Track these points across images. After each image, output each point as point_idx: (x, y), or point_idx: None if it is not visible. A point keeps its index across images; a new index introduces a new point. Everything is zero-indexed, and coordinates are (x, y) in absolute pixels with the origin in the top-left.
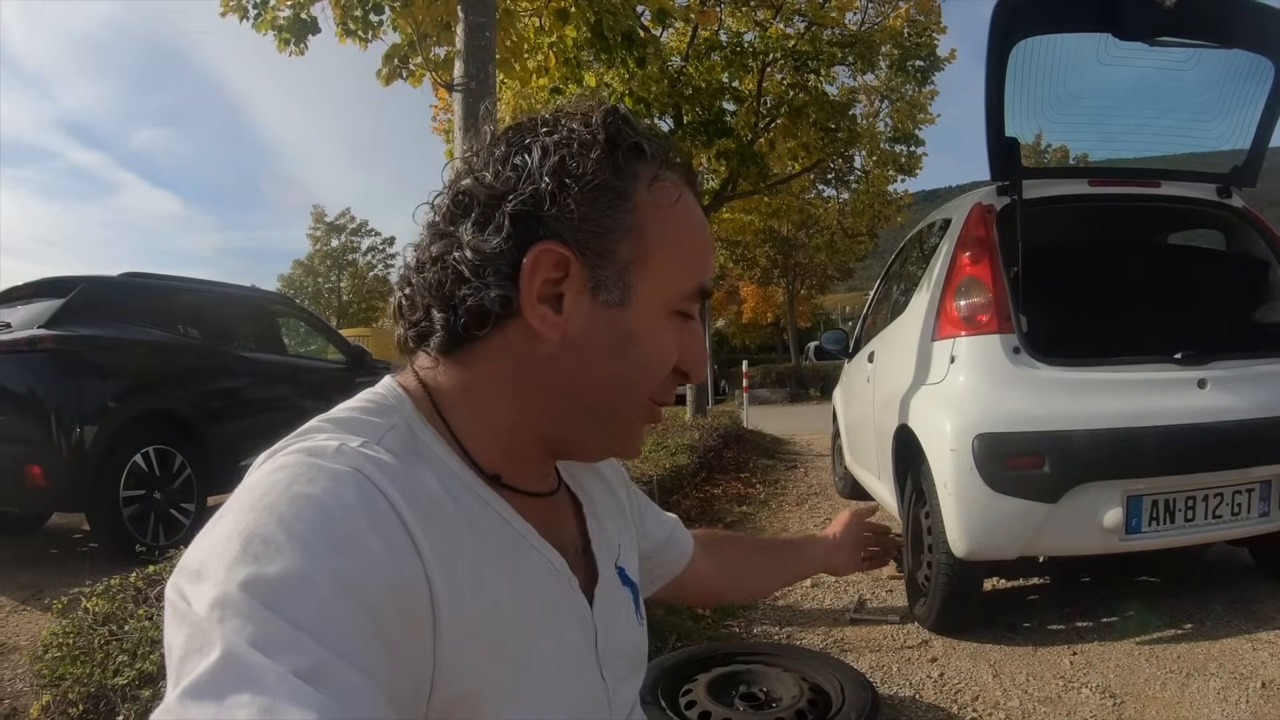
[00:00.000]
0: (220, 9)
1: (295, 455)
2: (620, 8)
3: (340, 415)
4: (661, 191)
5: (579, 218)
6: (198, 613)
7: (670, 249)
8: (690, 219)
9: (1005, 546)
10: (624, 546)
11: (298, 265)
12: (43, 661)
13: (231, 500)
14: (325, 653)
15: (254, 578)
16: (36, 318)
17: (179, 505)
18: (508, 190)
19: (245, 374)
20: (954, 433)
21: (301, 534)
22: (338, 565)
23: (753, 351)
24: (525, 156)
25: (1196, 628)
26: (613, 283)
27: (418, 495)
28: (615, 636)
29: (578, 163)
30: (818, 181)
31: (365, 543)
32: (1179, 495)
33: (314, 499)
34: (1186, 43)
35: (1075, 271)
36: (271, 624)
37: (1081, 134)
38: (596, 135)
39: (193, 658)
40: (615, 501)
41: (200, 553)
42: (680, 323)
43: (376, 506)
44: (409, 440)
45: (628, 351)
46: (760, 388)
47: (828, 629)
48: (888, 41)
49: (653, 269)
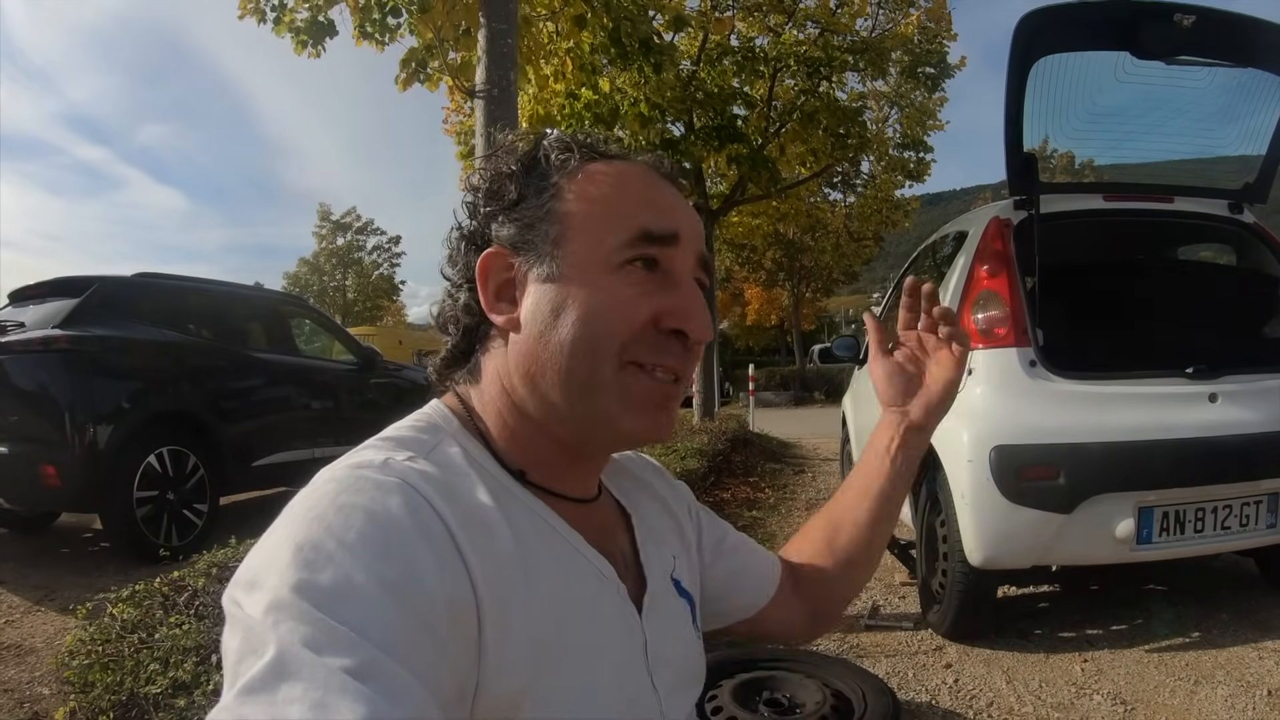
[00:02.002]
0: (238, 12)
1: (343, 469)
2: (637, 14)
3: (390, 434)
4: (585, 174)
5: (510, 223)
6: (253, 616)
7: (592, 211)
8: (615, 181)
9: (1020, 556)
10: (679, 560)
11: (303, 263)
12: (70, 668)
13: (283, 514)
14: (376, 652)
15: (306, 583)
16: (51, 317)
17: (192, 506)
18: (462, 224)
19: (258, 375)
20: (971, 444)
21: (351, 541)
22: (386, 570)
23: (756, 354)
24: (467, 196)
25: (1204, 636)
26: (545, 261)
27: (463, 504)
28: (667, 647)
29: (499, 187)
30: (825, 186)
31: (412, 549)
32: (1189, 507)
33: (361, 507)
34: (1203, 61)
35: (1089, 285)
36: (324, 625)
37: (1088, 140)
38: (513, 166)
39: (248, 659)
40: (672, 519)
41: (253, 563)
42: (642, 275)
43: (422, 514)
44: (455, 454)
45: (568, 314)
46: (765, 391)
47: (843, 635)
48: (899, 48)
49: (577, 234)
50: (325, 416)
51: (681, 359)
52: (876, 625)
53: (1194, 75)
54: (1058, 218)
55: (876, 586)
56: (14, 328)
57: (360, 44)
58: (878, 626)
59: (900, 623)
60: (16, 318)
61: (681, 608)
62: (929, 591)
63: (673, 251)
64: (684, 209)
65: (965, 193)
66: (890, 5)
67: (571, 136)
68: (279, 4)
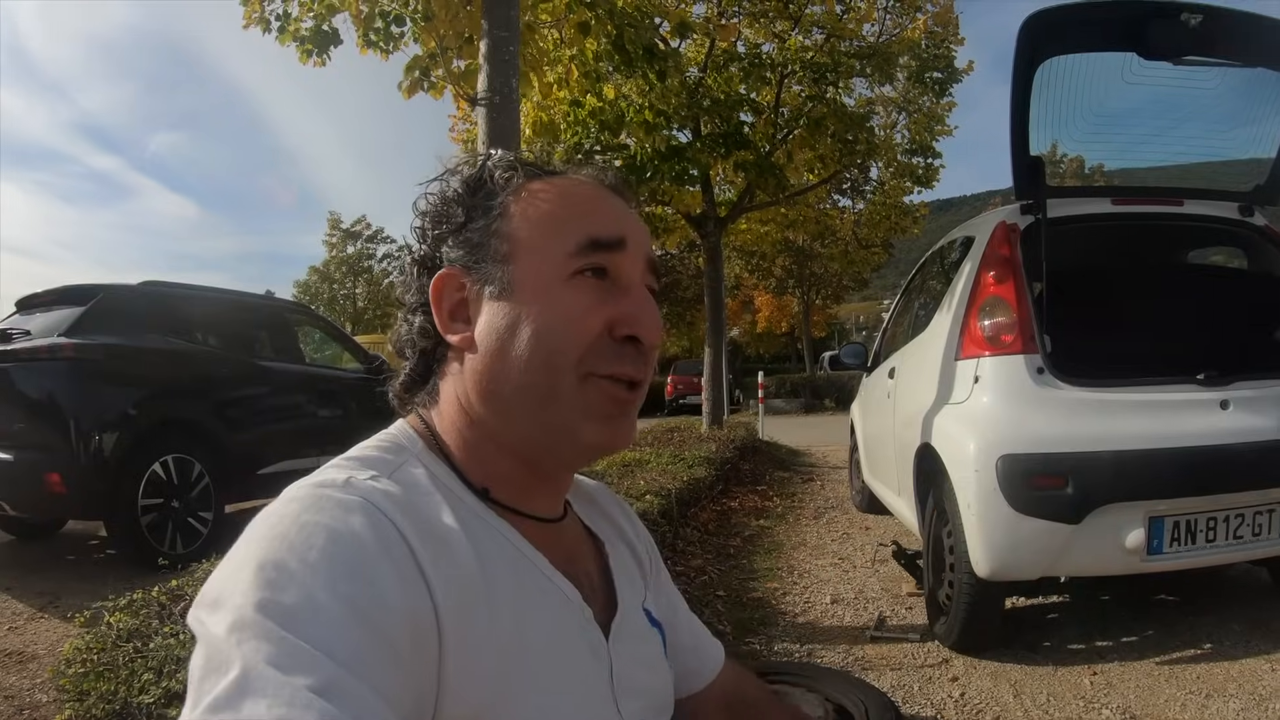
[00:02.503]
0: (243, 22)
1: (305, 488)
2: (641, 21)
3: (354, 454)
4: (529, 191)
5: (459, 245)
6: (216, 635)
7: (538, 226)
8: (558, 195)
9: (1028, 567)
10: (648, 590)
11: (314, 271)
12: (66, 676)
13: (245, 533)
14: (338, 670)
15: (268, 602)
16: (57, 325)
17: (197, 514)
18: (413, 249)
19: (264, 383)
20: (978, 453)
21: (313, 560)
22: (348, 589)
23: (767, 361)
24: (416, 220)
25: (1216, 648)
26: (496, 279)
27: (425, 524)
28: (635, 673)
29: (446, 210)
30: (834, 192)
31: (374, 567)
32: (1201, 516)
33: (324, 526)
34: (1211, 61)
35: (1098, 290)
36: (287, 644)
37: (1097, 144)
38: (459, 188)
39: (211, 677)
40: (634, 560)
41: (217, 583)
42: (592, 285)
43: (384, 533)
44: (419, 474)
45: (522, 330)
46: (775, 398)
47: (848, 647)
48: (906, 53)
49: (525, 250)
50: (331, 425)
51: (637, 364)
52: (882, 637)
53: (1203, 76)
54: (1065, 222)
55: (883, 597)
56: (20, 335)
57: (365, 53)
58: (883, 638)
59: (906, 634)
60: (23, 325)
61: (653, 636)
62: (936, 603)
63: (620, 257)
64: (629, 216)
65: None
66: (897, 10)
67: (516, 156)
68: (283, 13)
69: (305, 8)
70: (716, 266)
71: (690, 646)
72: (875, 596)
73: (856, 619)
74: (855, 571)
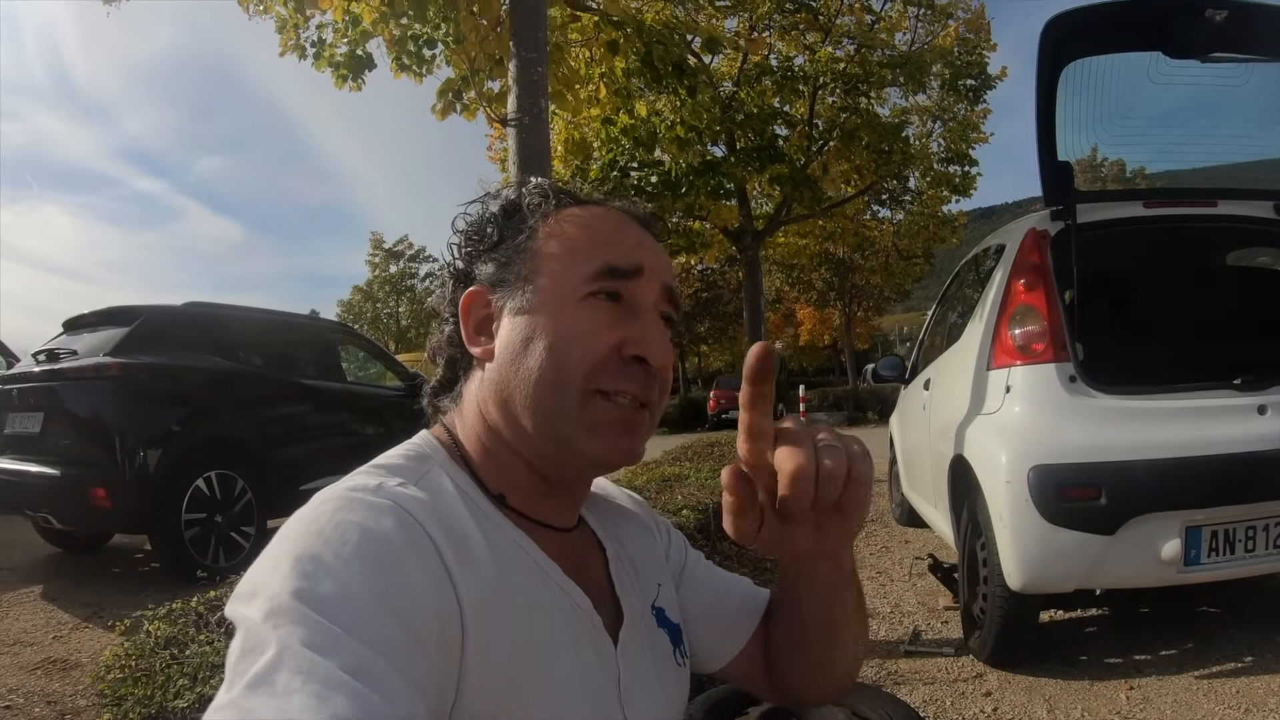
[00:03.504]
0: (280, 49)
1: (338, 492)
2: (670, 38)
3: (381, 462)
4: (559, 217)
5: (491, 262)
6: (253, 620)
7: (561, 249)
8: (584, 223)
9: (1061, 580)
10: (663, 588)
11: (357, 291)
12: (105, 681)
13: (280, 532)
14: (370, 653)
15: (304, 590)
16: (103, 345)
17: (239, 528)
18: (451, 263)
19: (305, 401)
20: (1009, 464)
21: (347, 555)
22: (379, 582)
23: (810, 374)
24: (454, 238)
25: (1257, 661)
26: (518, 295)
27: (450, 528)
28: (642, 680)
29: (481, 231)
30: (872, 203)
31: (404, 564)
32: (1239, 525)
33: (357, 525)
34: (1239, 58)
35: (1131, 296)
36: (321, 628)
37: (1137, 147)
38: (493, 208)
39: (248, 657)
40: (652, 546)
41: (254, 576)
42: (606, 307)
43: (413, 534)
44: (443, 482)
45: (535, 344)
46: (817, 411)
47: (881, 660)
48: (938, 61)
49: (546, 270)
50: (372, 441)
51: (644, 385)
52: (917, 650)
53: (1237, 74)
54: (1096, 227)
55: (919, 611)
56: (67, 355)
57: (399, 76)
58: (918, 652)
59: (941, 648)
60: (70, 345)
61: (662, 639)
62: (970, 616)
63: (636, 285)
64: (650, 247)
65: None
66: (928, 18)
67: (551, 185)
68: (318, 40)
69: (339, 34)
70: (755, 280)
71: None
72: (911, 610)
73: (892, 633)
74: (892, 585)
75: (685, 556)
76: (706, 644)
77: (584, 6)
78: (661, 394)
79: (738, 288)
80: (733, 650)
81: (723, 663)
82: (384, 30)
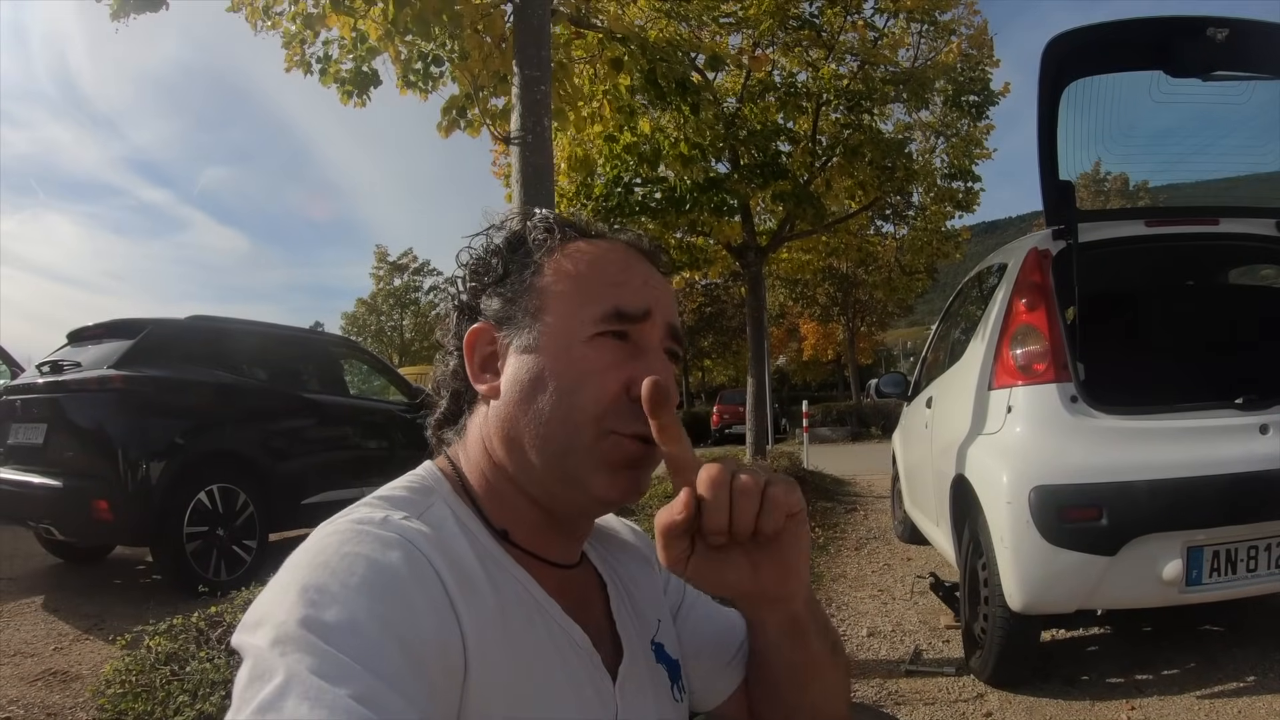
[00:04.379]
0: (285, 65)
1: (344, 524)
2: (674, 55)
3: (385, 493)
4: (565, 252)
5: (496, 296)
6: (260, 648)
7: (568, 287)
8: (591, 260)
9: (1062, 600)
10: (663, 624)
11: (361, 304)
12: (105, 696)
13: (286, 563)
14: (377, 683)
15: (311, 619)
16: (106, 358)
17: (241, 542)
18: (457, 295)
19: (308, 415)
20: (1010, 485)
21: (354, 585)
22: (386, 612)
23: (813, 389)
24: (458, 271)
25: (1259, 680)
26: (524, 332)
27: (454, 563)
28: (641, 714)
29: (486, 264)
30: (875, 218)
31: (410, 596)
32: (1241, 545)
33: (364, 556)
34: (1241, 76)
35: (1133, 315)
36: (329, 656)
37: (1140, 162)
38: (497, 239)
39: (255, 684)
40: (652, 580)
41: (260, 606)
42: (613, 346)
43: (419, 568)
44: (446, 516)
45: (544, 384)
46: (821, 426)
47: (882, 680)
48: (941, 77)
49: (554, 308)
50: (374, 455)
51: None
52: (918, 670)
53: (1238, 91)
54: (1098, 246)
55: (921, 630)
56: (71, 367)
57: (405, 93)
58: (919, 672)
59: (942, 668)
60: (74, 357)
61: (661, 675)
62: (972, 636)
63: (643, 326)
64: (656, 284)
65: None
66: (931, 34)
67: (556, 217)
68: (324, 56)
69: (345, 50)
70: (758, 296)
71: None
72: (913, 629)
73: (893, 652)
74: (894, 604)
75: (684, 593)
76: (703, 683)
77: (588, 24)
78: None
79: (741, 303)
80: (726, 691)
81: (716, 703)
82: (390, 47)
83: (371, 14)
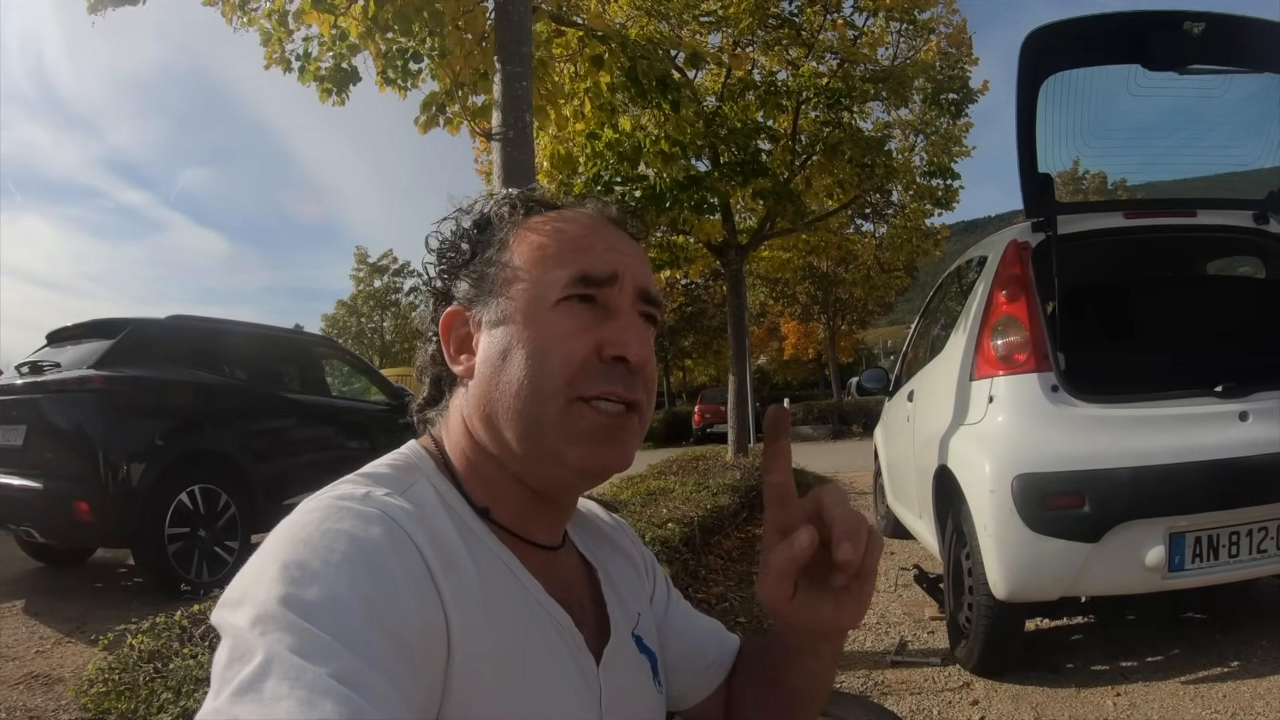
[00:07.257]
0: (264, 62)
1: (325, 500)
2: (654, 53)
3: (369, 471)
4: (529, 225)
5: (465, 278)
6: (240, 627)
7: (533, 257)
8: (556, 230)
9: (1046, 588)
10: (643, 618)
11: (341, 305)
12: (88, 696)
13: (268, 539)
14: (358, 662)
15: (291, 597)
16: (86, 358)
17: (223, 543)
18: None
19: (289, 415)
20: (993, 474)
21: (335, 562)
22: (367, 590)
23: (795, 388)
24: (428, 258)
25: (1243, 665)
26: (494, 308)
27: (436, 540)
28: (624, 701)
29: (455, 248)
30: (855, 216)
31: (392, 574)
32: (1223, 531)
33: (345, 533)
34: (1218, 69)
35: (1112, 305)
36: (309, 634)
37: (1118, 159)
38: (464, 223)
39: (235, 664)
40: (636, 577)
41: (240, 584)
42: (581, 310)
43: (401, 544)
44: (429, 493)
45: (514, 353)
46: (802, 425)
47: (868, 671)
48: (920, 75)
49: (519, 280)
50: (356, 455)
51: (628, 384)
52: (903, 661)
53: (1216, 86)
54: (1077, 238)
55: (905, 622)
56: (51, 368)
57: (384, 90)
58: (904, 663)
59: (927, 659)
60: (53, 358)
61: (643, 663)
62: (956, 626)
63: (611, 290)
64: (624, 249)
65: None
66: (910, 33)
67: (520, 194)
68: (304, 53)
69: (325, 47)
70: (739, 294)
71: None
72: (897, 621)
73: (878, 644)
74: (878, 596)
75: (668, 597)
76: (680, 686)
77: (569, 22)
78: (648, 395)
79: (722, 302)
80: (700, 696)
81: (689, 705)
82: (370, 44)
83: (352, 11)
